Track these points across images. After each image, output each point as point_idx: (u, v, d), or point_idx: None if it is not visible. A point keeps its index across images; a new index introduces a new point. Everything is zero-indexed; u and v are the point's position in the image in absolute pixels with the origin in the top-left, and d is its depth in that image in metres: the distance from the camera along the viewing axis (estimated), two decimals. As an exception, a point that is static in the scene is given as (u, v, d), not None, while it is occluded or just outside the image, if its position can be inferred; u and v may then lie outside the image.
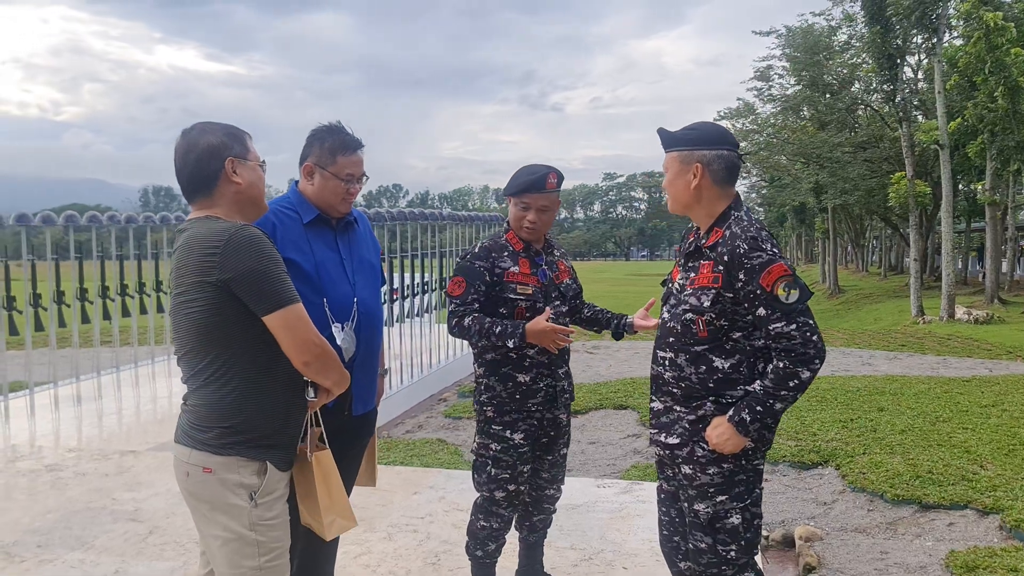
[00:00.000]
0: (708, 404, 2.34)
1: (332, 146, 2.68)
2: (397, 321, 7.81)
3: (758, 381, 2.27)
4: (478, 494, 3.17)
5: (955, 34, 22.59)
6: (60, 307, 7.76)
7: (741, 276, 2.24)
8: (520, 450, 3.06)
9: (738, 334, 2.32)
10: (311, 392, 2.22)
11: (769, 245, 2.26)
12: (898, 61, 21.18)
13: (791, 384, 2.21)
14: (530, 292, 3.05)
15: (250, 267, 1.97)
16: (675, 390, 2.40)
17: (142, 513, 4.27)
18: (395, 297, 7.84)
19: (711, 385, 2.33)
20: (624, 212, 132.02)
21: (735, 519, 2.35)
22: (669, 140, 2.45)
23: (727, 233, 2.32)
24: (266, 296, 1.99)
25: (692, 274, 2.40)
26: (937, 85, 19.33)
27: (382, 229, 7.52)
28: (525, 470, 3.11)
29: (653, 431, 2.49)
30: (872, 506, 4.87)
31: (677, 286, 2.47)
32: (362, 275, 2.77)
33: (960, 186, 27.74)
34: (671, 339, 2.41)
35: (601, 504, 4.49)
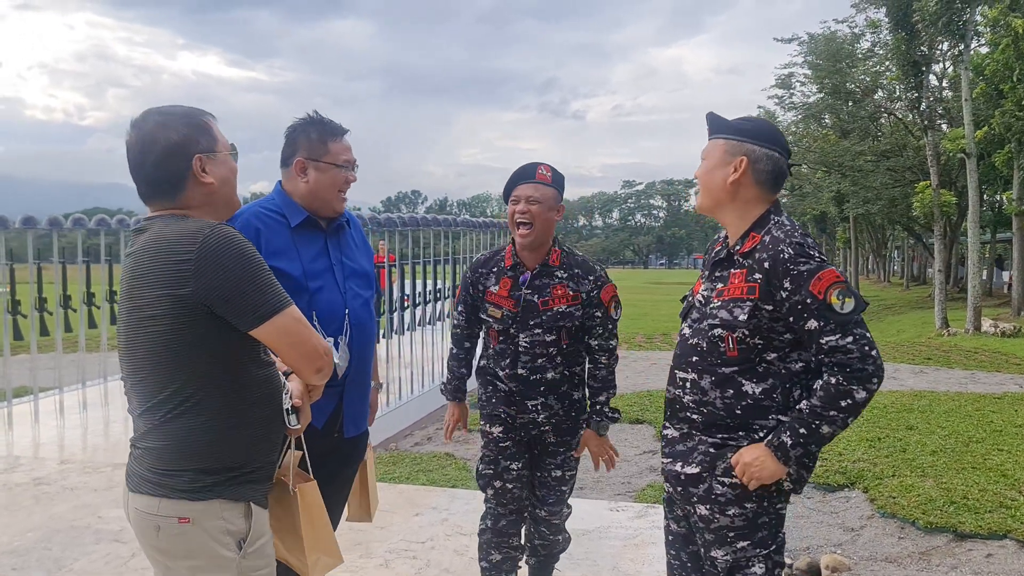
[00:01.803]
0: (734, 433, 2.05)
1: (320, 135, 2.47)
2: (408, 329, 7.60)
3: (804, 400, 1.97)
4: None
5: (982, 41, 22.16)
6: (66, 311, 7.61)
7: (786, 284, 1.96)
8: (501, 444, 2.94)
9: (772, 355, 2.03)
10: (293, 419, 1.89)
11: (816, 252, 1.99)
12: (923, 69, 20.77)
13: (843, 404, 1.92)
14: (499, 315, 2.87)
15: (233, 275, 1.66)
16: (695, 416, 2.11)
17: (127, 533, 4.03)
18: (406, 304, 7.64)
19: (738, 412, 2.04)
20: (643, 220, 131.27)
21: (757, 568, 2.06)
22: (719, 125, 2.17)
23: (766, 238, 2.04)
24: (255, 306, 1.69)
25: (720, 285, 2.11)
26: (964, 93, 18.89)
27: (394, 235, 7.32)
28: (512, 467, 2.93)
29: (666, 460, 2.19)
30: (903, 533, 4.58)
31: (700, 299, 2.18)
32: (353, 284, 2.54)
33: (985, 196, 27.21)
34: (694, 358, 2.12)
35: (614, 530, 4.23)
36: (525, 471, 2.96)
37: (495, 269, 2.95)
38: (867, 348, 1.92)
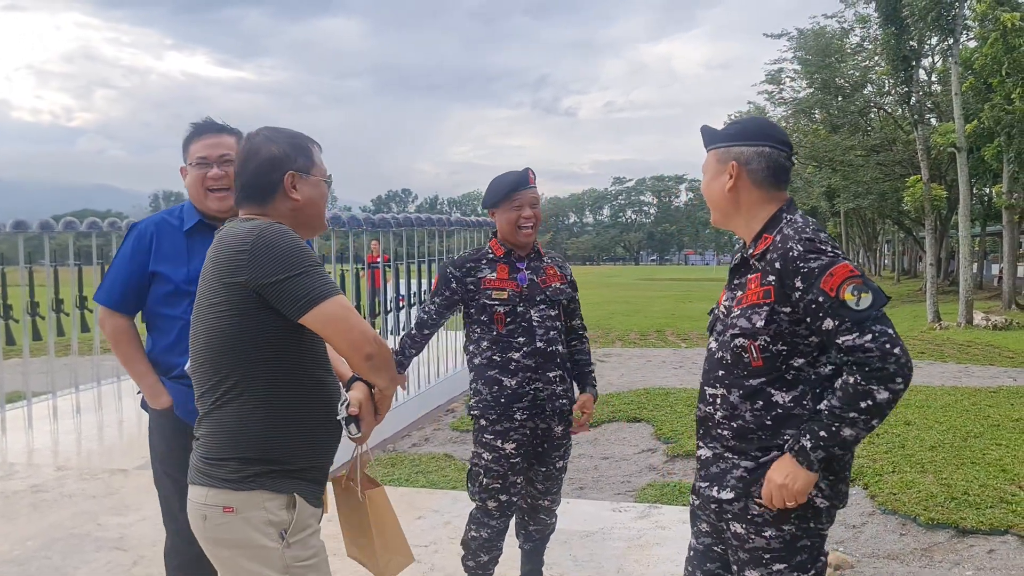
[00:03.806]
0: (769, 449, 1.96)
1: (187, 139, 2.59)
2: (403, 329, 7.56)
3: (825, 400, 1.87)
4: (473, 504, 3.12)
5: (970, 35, 22.24)
6: (59, 315, 7.55)
7: (798, 283, 1.85)
8: (512, 460, 3.01)
9: (800, 360, 1.92)
10: (352, 428, 1.92)
11: (829, 247, 1.88)
12: (913, 63, 20.81)
13: (862, 405, 1.79)
14: (505, 296, 3.03)
15: (281, 264, 1.77)
16: (725, 431, 2.01)
17: (127, 540, 4.01)
18: (401, 305, 7.60)
19: (768, 423, 1.94)
20: (634, 216, 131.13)
21: None
22: (710, 137, 2.14)
23: (777, 238, 1.95)
24: (300, 294, 1.76)
25: (738, 292, 2.03)
26: (954, 87, 18.96)
27: (388, 235, 7.29)
28: (518, 481, 3.06)
29: (702, 484, 2.07)
30: (905, 530, 4.58)
31: (723, 309, 2.10)
32: None
33: (975, 189, 27.32)
34: (721, 372, 2.03)
35: (617, 531, 4.22)
36: (524, 482, 3.12)
37: (484, 261, 3.10)
38: (888, 346, 1.78)
